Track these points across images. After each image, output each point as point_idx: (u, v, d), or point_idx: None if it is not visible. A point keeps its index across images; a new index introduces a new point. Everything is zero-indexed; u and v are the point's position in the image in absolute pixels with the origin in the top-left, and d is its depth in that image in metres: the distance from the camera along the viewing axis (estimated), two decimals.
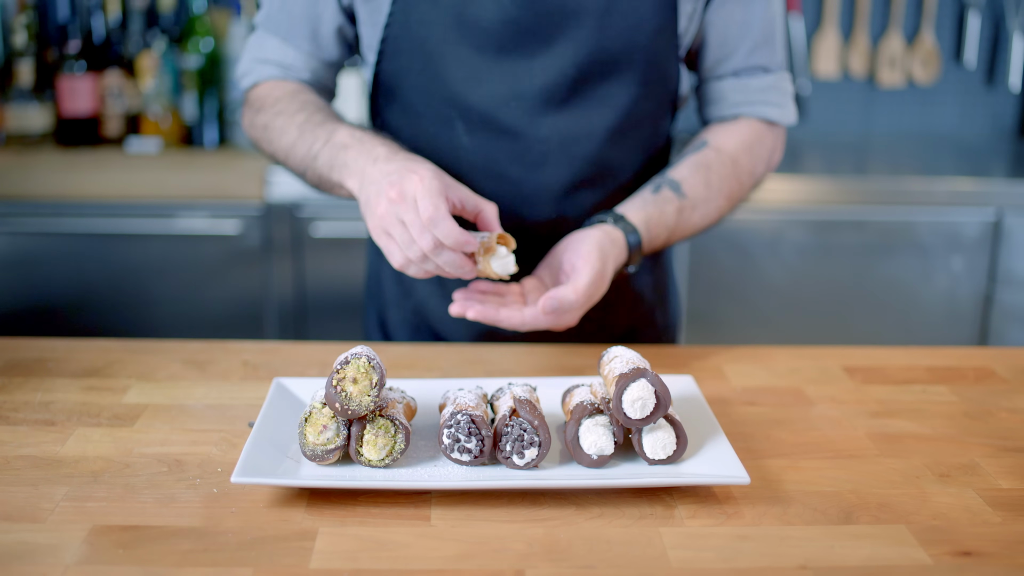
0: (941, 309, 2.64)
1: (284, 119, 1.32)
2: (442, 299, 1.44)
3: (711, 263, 2.58)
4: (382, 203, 1.12)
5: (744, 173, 1.39)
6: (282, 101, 1.35)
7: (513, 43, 1.29)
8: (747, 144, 1.39)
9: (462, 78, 1.30)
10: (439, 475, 0.97)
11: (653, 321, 1.52)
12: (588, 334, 1.43)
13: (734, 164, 1.37)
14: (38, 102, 2.68)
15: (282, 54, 1.38)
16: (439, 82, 1.31)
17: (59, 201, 2.48)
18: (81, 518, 0.91)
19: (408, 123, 1.36)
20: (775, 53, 1.39)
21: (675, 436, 0.99)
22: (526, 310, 1.17)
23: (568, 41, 1.28)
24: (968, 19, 3.09)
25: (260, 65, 1.40)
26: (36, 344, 1.34)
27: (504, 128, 1.31)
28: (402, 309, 1.49)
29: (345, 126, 1.27)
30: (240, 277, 2.53)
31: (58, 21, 2.82)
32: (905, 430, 1.13)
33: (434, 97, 1.32)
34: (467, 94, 1.31)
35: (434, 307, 1.45)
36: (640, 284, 1.48)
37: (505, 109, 1.31)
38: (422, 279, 1.40)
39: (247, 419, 1.12)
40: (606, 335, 1.46)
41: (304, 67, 1.39)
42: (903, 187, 2.58)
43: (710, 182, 1.34)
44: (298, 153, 1.30)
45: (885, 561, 0.86)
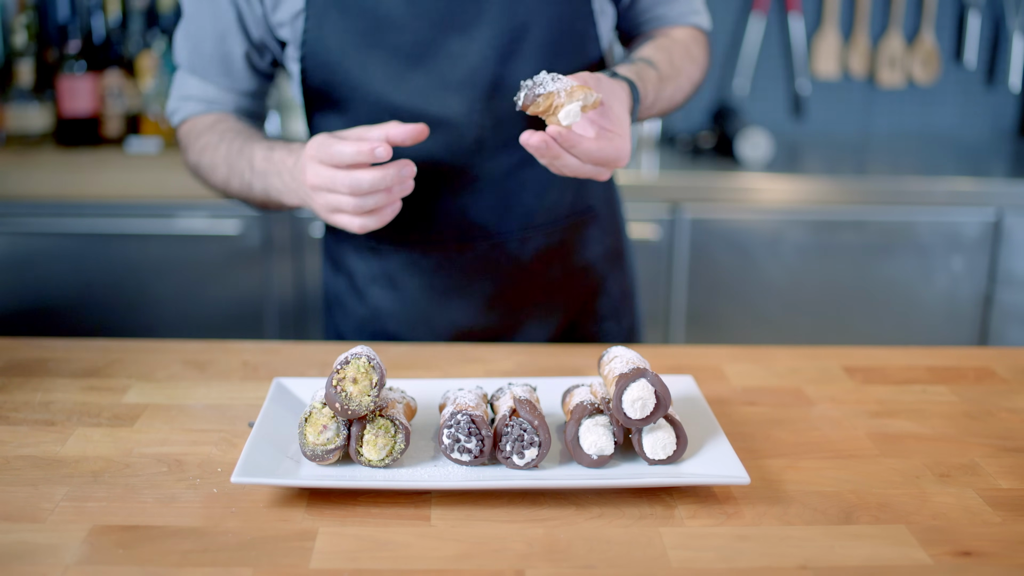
0: (941, 309, 2.64)
1: (210, 154, 1.39)
2: (396, 303, 1.46)
3: (711, 263, 2.58)
4: (313, 199, 1.20)
5: (697, 59, 1.47)
6: (204, 136, 1.41)
7: (429, 35, 1.31)
8: (692, 37, 1.49)
9: (386, 79, 1.32)
10: (439, 475, 0.97)
11: (607, 290, 1.54)
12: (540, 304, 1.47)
13: (687, 50, 1.45)
14: (38, 102, 2.68)
15: (203, 91, 1.44)
16: (364, 88, 1.33)
17: (59, 201, 2.47)
18: (81, 518, 0.91)
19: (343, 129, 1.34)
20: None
21: (675, 436, 0.99)
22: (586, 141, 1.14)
23: (483, 25, 1.31)
24: (968, 19, 3.09)
25: (185, 102, 1.46)
26: (36, 344, 1.34)
27: (437, 121, 1.32)
28: (359, 317, 1.51)
29: (259, 149, 1.32)
30: (240, 277, 2.53)
31: (58, 21, 2.82)
32: (905, 430, 1.13)
33: (363, 102, 1.34)
34: (393, 94, 1.32)
35: (389, 312, 1.47)
36: (591, 254, 1.51)
37: (433, 102, 1.32)
38: (380, 289, 1.45)
39: (247, 419, 1.12)
40: (560, 299, 1.49)
41: (225, 100, 1.45)
42: (903, 187, 2.58)
43: (673, 62, 1.40)
44: (235, 186, 1.37)
45: (885, 561, 0.86)
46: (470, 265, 1.42)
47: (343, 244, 1.50)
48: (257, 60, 1.42)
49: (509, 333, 1.47)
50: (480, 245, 1.41)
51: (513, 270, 1.44)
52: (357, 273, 1.49)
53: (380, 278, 1.46)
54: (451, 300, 1.44)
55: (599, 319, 1.54)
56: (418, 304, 1.45)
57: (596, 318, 1.54)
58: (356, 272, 1.49)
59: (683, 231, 2.55)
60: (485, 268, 1.43)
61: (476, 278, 1.43)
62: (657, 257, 2.56)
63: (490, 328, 1.46)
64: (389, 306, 1.47)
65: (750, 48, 3.08)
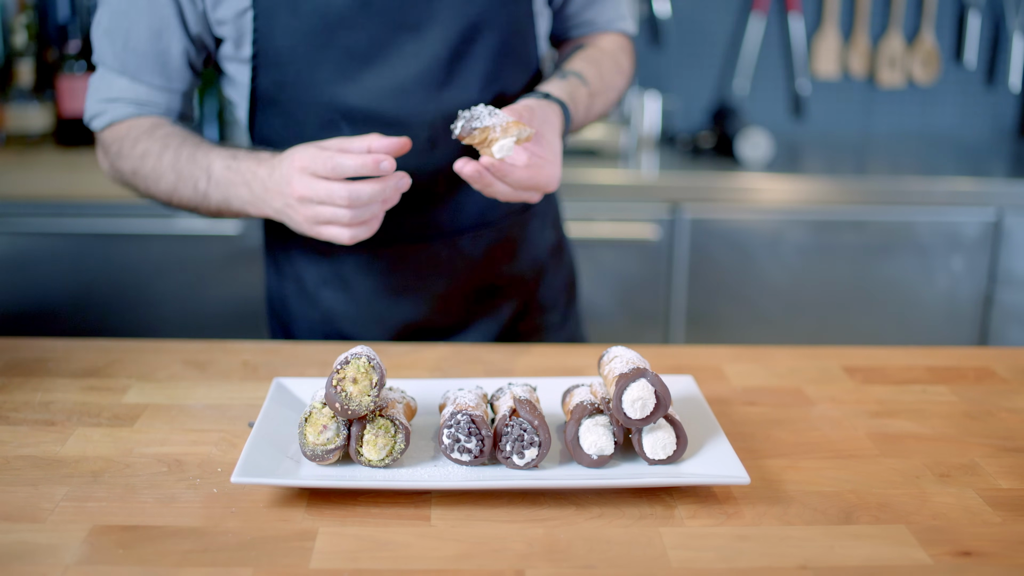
0: (941, 309, 2.64)
1: (152, 162, 1.32)
2: (349, 304, 1.46)
3: (711, 263, 2.58)
4: (296, 210, 1.18)
5: (624, 70, 1.51)
6: (142, 142, 1.33)
7: (382, 37, 1.30)
8: (619, 46, 1.52)
9: (338, 80, 1.31)
10: (439, 475, 0.97)
11: (549, 282, 1.57)
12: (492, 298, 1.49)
13: (615, 61, 1.49)
14: (38, 102, 2.68)
15: (134, 92, 1.36)
16: (316, 88, 1.31)
17: (59, 201, 2.47)
18: (81, 518, 0.91)
19: (291, 133, 1.34)
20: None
21: (675, 436, 0.99)
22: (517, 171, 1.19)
23: (435, 25, 1.31)
24: (968, 19, 3.09)
25: (110, 105, 1.36)
26: (36, 344, 1.34)
27: (389, 121, 1.32)
28: (309, 320, 1.50)
29: (217, 157, 1.28)
30: (240, 277, 2.53)
31: (58, 21, 2.82)
32: (905, 430, 1.13)
33: (313, 103, 1.32)
34: (345, 95, 1.31)
35: (342, 313, 1.47)
36: (536, 248, 1.53)
37: (386, 102, 1.32)
38: (332, 291, 1.45)
39: (247, 419, 1.12)
40: (509, 293, 1.51)
41: (158, 101, 1.37)
42: (903, 187, 2.58)
43: (603, 76, 1.44)
44: (184, 195, 1.31)
45: (885, 561, 0.86)
46: (424, 263, 1.43)
47: (291, 249, 1.47)
48: (194, 58, 1.36)
49: (461, 328, 1.49)
50: (435, 244, 1.42)
51: (466, 267, 1.45)
52: (306, 277, 1.47)
53: (332, 280, 1.45)
54: (404, 298, 1.45)
55: (543, 310, 1.56)
56: (371, 304, 1.45)
57: (540, 309, 1.56)
58: (305, 276, 1.47)
59: (683, 231, 2.55)
60: (438, 266, 1.44)
61: (429, 276, 1.44)
62: (657, 257, 2.56)
63: (443, 324, 1.48)
64: (342, 308, 1.46)
65: (750, 48, 3.08)
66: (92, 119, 1.39)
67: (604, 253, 2.54)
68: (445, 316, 1.47)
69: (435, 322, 1.47)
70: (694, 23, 3.08)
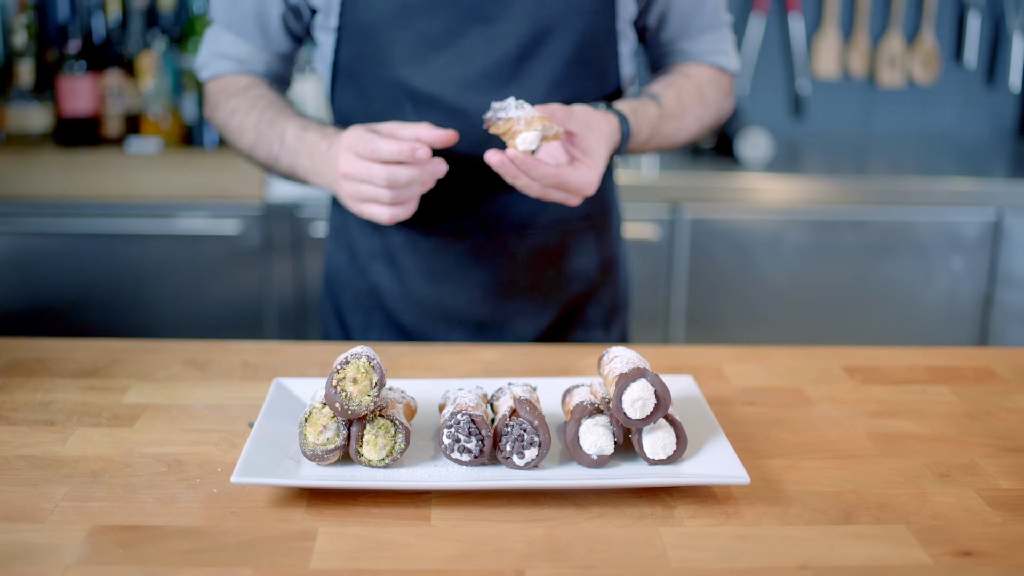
0: (941, 309, 2.64)
1: (239, 118, 1.42)
2: (394, 281, 1.49)
3: (711, 263, 2.58)
4: (341, 186, 1.25)
5: (709, 101, 1.49)
6: (234, 99, 1.43)
7: (456, 26, 1.34)
8: (710, 78, 1.50)
9: (408, 62, 1.36)
10: (439, 475, 0.97)
11: (599, 299, 1.57)
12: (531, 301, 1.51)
13: (700, 91, 1.47)
14: (38, 102, 2.68)
15: (236, 49, 1.46)
16: (388, 67, 1.37)
17: (59, 201, 2.48)
18: (81, 518, 0.91)
19: (361, 107, 1.41)
20: (720, 12, 1.51)
21: (675, 436, 0.99)
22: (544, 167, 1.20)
23: (508, 22, 1.34)
24: (968, 19, 3.09)
25: (217, 59, 1.48)
26: (36, 344, 1.34)
27: (450, 108, 1.36)
28: (357, 291, 1.54)
29: (291, 125, 1.36)
30: (240, 277, 2.53)
31: (58, 21, 2.82)
32: (905, 430, 1.13)
33: (384, 81, 1.38)
34: (414, 77, 1.36)
35: (387, 289, 1.51)
36: (586, 261, 1.53)
37: (450, 90, 1.36)
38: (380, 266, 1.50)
39: (247, 419, 1.12)
40: (551, 300, 1.51)
41: (257, 60, 1.47)
42: (903, 187, 2.58)
43: (682, 101, 1.44)
44: (260, 154, 1.41)
45: (885, 561, 0.86)
46: (467, 253, 1.46)
47: (347, 219, 1.53)
48: (292, 23, 1.44)
49: (497, 325, 1.50)
50: (478, 236, 1.45)
51: (508, 264, 1.47)
52: (359, 248, 1.52)
53: (380, 255, 1.50)
54: (445, 284, 1.48)
55: (588, 327, 1.56)
56: (414, 284, 1.49)
57: (586, 325, 1.56)
58: (358, 247, 1.52)
59: (683, 231, 2.55)
60: (481, 258, 1.46)
61: (471, 267, 1.46)
62: (657, 257, 2.56)
63: (480, 317, 1.49)
64: (387, 284, 1.50)
65: (750, 48, 3.08)
66: (200, 69, 1.51)
67: None
68: (484, 311, 1.49)
69: (473, 314, 1.49)
70: None
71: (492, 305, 1.49)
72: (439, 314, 1.49)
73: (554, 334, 1.53)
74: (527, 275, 1.48)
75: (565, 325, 1.54)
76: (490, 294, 1.48)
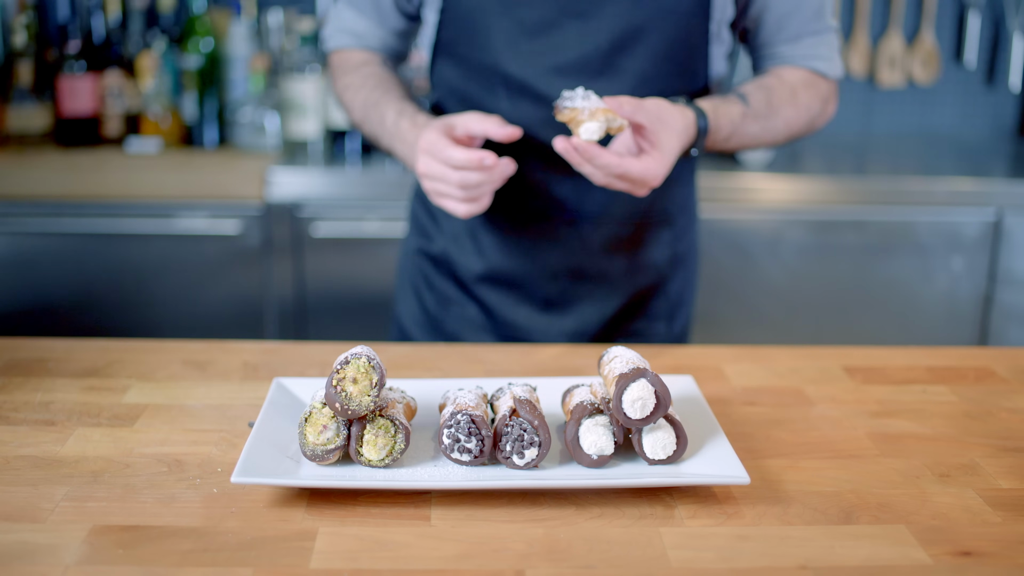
0: (941, 309, 2.64)
1: (351, 95, 1.54)
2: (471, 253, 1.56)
3: (711, 263, 2.58)
4: (422, 182, 1.33)
5: (801, 105, 1.48)
6: (349, 74, 1.56)
7: (552, 16, 1.39)
8: (805, 82, 1.49)
9: (504, 48, 1.41)
10: (439, 475, 0.97)
11: (666, 291, 1.59)
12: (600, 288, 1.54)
13: (793, 93, 1.47)
14: (38, 102, 2.68)
15: (355, 24, 1.58)
16: (484, 51, 1.43)
17: (59, 201, 2.47)
18: (81, 518, 0.91)
19: (460, 82, 1.48)
20: (824, 17, 1.49)
21: (675, 436, 0.99)
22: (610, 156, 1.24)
23: (602, 17, 1.38)
24: (968, 19, 3.09)
25: (338, 33, 1.60)
26: (36, 344, 1.34)
27: (540, 96, 1.41)
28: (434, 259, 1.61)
29: (391, 110, 1.45)
30: (240, 277, 2.53)
31: (58, 21, 2.82)
32: (905, 430, 1.13)
33: (480, 64, 1.44)
34: (507, 64, 1.42)
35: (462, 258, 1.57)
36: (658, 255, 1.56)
37: (542, 79, 1.41)
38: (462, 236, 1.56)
39: (247, 419, 1.12)
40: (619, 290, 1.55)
41: (373, 36, 1.57)
42: (903, 187, 2.58)
43: (771, 102, 1.44)
44: (366, 129, 1.53)
45: (885, 561, 0.86)
46: (541, 235, 1.51)
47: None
48: (404, 2, 1.52)
49: (564, 305, 1.54)
50: (554, 220, 1.49)
51: (579, 250, 1.51)
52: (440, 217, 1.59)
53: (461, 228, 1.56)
54: (519, 260, 1.52)
55: (653, 318, 1.59)
56: (489, 257, 1.54)
57: (651, 317, 1.59)
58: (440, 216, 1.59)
59: None
60: (553, 242, 1.51)
61: (543, 249, 1.51)
62: None
63: (549, 295, 1.54)
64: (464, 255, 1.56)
65: None
66: (325, 41, 1.63)
67: None
68: (553, 292, 1.53)
69: (543, 290, 1.53)
70: None
71: (560, 287, 1.53)
72: (509, 286, 1.54)
73: (618, 321, 1.56)
74: (598, 262, 1.52)
75: (630, 314, 1.56)
76: (559, 276, 1.52)
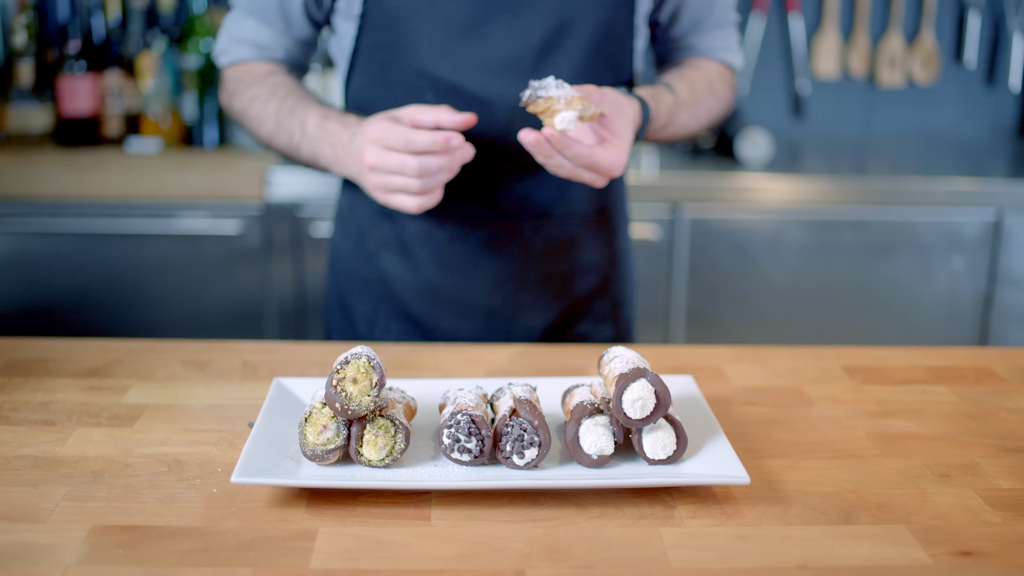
0: (941, 309, 2.64)
1: (259, 107, 1.42)
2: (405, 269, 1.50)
3: (711, 263, 2.58)
4: (367, 178, 1.25)
5: (718, 94, 1.52)
6: (254, 86, 1.44)
7: (481, 15, 1.35)
8: (718, 72, 1.54)
9: (432, 50, 1.37)
10: (439, 475, 0.97)
11: (609, 292, 1.58)
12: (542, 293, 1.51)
13: (710, 83, 1.51)
14: (38, 102, 2.68)
15: (257, 34, 1.46)
16: (410, 54, 1.38)
17: (59, 201, 2.48)
18: (81, 518, 0.91)
19: (379, 95, 1.42)
20: (730, 11, 1.56)
21: (675, 436, 0.99)
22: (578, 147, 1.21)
23: (533, 13, 1.36)
24: (968, 19, 3.09)
25: (236, 45, 1.48)
26: (36, 344, 1.34)
27: (471, 96, 1.37)
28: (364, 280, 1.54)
29: (312, 114, 1.36)
30: (240, 277, 2.53)
31: (58, 21, 2.82)
32: (905, 430, 1.13)
33: (406, 68, 1.39)
34: (436, 66, 1.37)
35: (397, 277, 1.51)
36: (598, 254, 1.55)
37: (473, 79, 1.37)
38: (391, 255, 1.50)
39: (247, 419, 1.12)
40: (562, 293, 1.52)
41: (277, 46, 1.47)
42: (903, 187, 2.58)
43: (694, 91, 1.47)
44: (280, 143, 1.41)
45: (885, 561, 0.86)
46: (482, 243, 1.47)
47: (358, 207, 1.53)
48: (314, 9, 1.45)
49: (508, 315, 1.51)
50: (495, 225, 1.46)
51: (522, 255, 1.48)
52: (369, 236, 1.52)
53: (392, 243, 1.50)
54: (458, 275, 1.48)
55: (598, 319, 1.57)
56: (426, 273, 1.49)
57: (596, 318, 1.57)
58: (368, 235, 1.52)
59: (683, 231, 2.55)
60: (496, 249, 1.47)
61: (485, 256, 1.47)
62: (657, 257, 2.56)
63: (491, 307, 1.50)
64: (398, 272, 1.51)
65: (750, 48, 3.08)
66: (219, 56, 1.51)
67: None
68: (495, 302, 1.50)
69: (485, 303, 1.50)
70: None
71: (504, 295, 1.50)
72: (450, 303, 1.50)
73: (564, 325, 1.54)
74: (540, 266, 1.50)
75: (574, 316, 1.55)
76: (502, 284, 1.49)
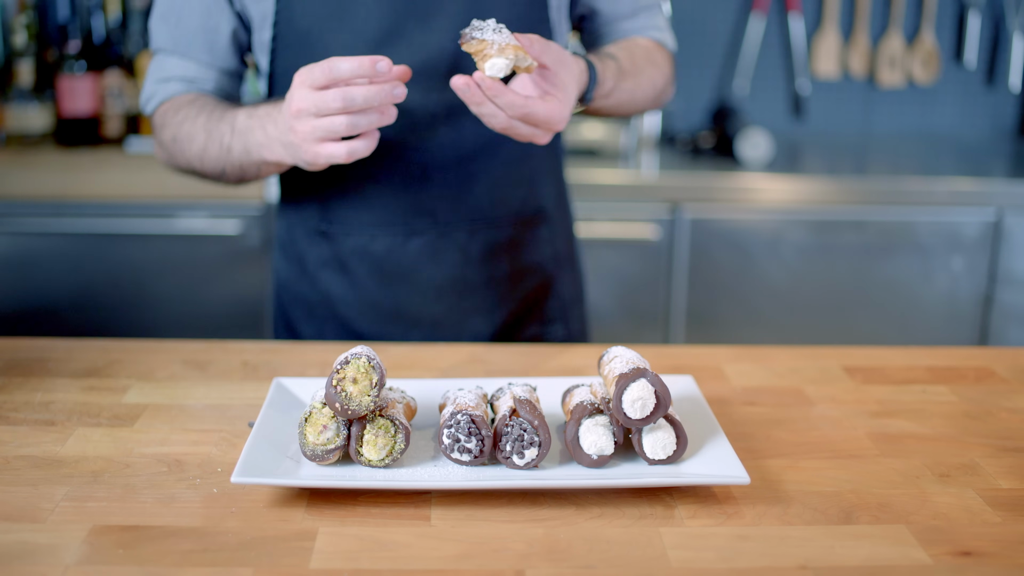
0: (941, 309, 2.64)
1: (189, 125, 1.36)
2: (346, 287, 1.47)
3: (711, 263, 2.58)
4: (296, 132, 1.16)
5: (659, 65, 1.48)
6: (183, 109, 1.38)
7: (392, 24, 1.34)
8: (655, 47, 1.51)
9: None
10: (439, 475, 0.97)
11: (556, 292, 1.57)
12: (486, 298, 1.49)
13: (649, 55, 1.47)
14: (38, 102, 2.68)
15: (183, 70, 1.41)
16: None
17: (59, 201, 2.47)
18: (81, 518, 0.91)
19: None
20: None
21: (675, 436, 0.99)
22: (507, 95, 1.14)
23: (444, 17, 1.34)
24: (968, 19, 3.09)
25: (163, 85, 1.43)
26: (36, 344, 1.34)
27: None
28: (308, 303, 1.52)
29: (242, 110, 1.32)
30: (240, 277, 2.53)
31: (58, 21, 2.82)
32: (905, 430, 1.13)
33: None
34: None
35: (339, 296, 1.48)
36: (540, 254, 1.53)
37: None
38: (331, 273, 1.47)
39: (247, 419, 1.12)
40: (506, 296, 1.50)
41: (206, 78, 1.42)
42: (903, 187, 2.58)
43: (635, 62, 1.43)
44: (212, 153, 1.34)
45: (885, 561, 0.86)
46: (418, 253, 1.45)
47: (295, 228, 1.51)
48: (242, 37, 1.42)
49: (453, 324, 1.49)
50: (428, 234, 1.44)
51: (460, 262, 1.46)
52: (308, 257, 1.50)
53: (331, 262, 1.48)
54: (398, 287, 1.46)
55: (548, 321, 1.56)
56: (367, 289, 1.47)
57: (544, 319, 1.56)
58: (307, 256, 1.50)
59: (683, 231, 2.55)
60: (432, 257, 1.45)
61: (424, 267, 1.45)
62: (657, 257, 2.56)
63: (435, 317, 1.48)
64: (339, 291, 1.49)
65: (750, 48, 3.08)
66: (146, 102, 1.45)
67: (604, 253, 2.54)
68: (439, 311, 1.48)
69: (429, 314, 1.48)
70: (694, 23, 3.08)
71: (447, 304, 1.48)
72: (393, 317, 1.48)
73: (512, 328, 1.53)
74: (480, 271, 1.48)
75: (523, 319, 1.54)
76: (444, 293, 1.47)
